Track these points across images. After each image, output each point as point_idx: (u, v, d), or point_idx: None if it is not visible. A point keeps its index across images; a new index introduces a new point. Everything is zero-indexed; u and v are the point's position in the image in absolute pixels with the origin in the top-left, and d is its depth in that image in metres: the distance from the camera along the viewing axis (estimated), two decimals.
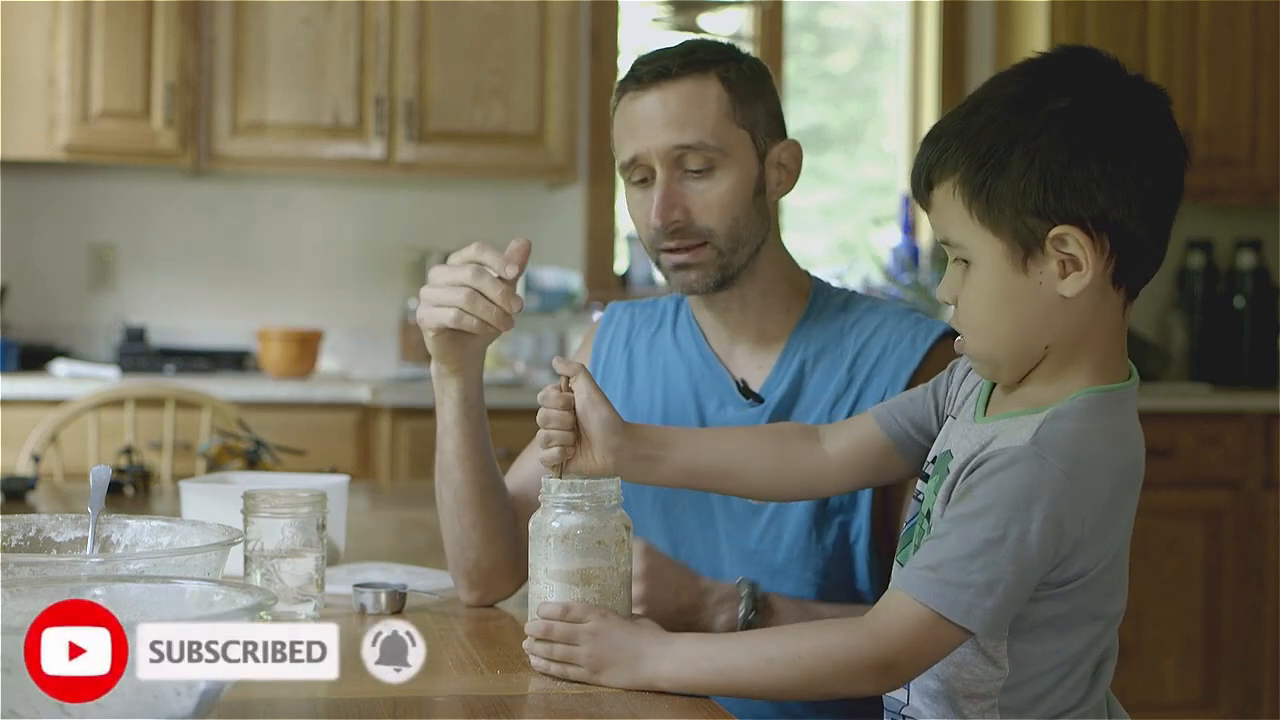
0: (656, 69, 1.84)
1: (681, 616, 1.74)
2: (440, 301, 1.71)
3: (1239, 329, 4.95)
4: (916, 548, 1.48)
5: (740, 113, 1.85)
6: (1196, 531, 4.51)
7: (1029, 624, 1.44)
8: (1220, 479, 4.52)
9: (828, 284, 1.97)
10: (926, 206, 1.49)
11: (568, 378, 1.61)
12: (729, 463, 1.67)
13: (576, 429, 1.61)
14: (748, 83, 1.87)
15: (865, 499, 1.86)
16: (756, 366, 1.93)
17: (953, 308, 1.50)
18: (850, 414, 1.85)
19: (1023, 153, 1.41)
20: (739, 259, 1.87)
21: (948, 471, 1.48)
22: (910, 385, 1.83)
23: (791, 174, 1.92)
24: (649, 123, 1.83)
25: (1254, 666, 4.53)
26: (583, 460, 1.61)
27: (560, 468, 1.60)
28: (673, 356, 1.98)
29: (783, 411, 1.89)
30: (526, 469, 1.94)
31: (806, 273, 1.97)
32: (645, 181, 1.86)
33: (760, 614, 1.77)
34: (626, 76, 1.88)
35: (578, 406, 1.60)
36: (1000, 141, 1.42)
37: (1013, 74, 1.48)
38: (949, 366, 1.63)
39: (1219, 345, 4.96)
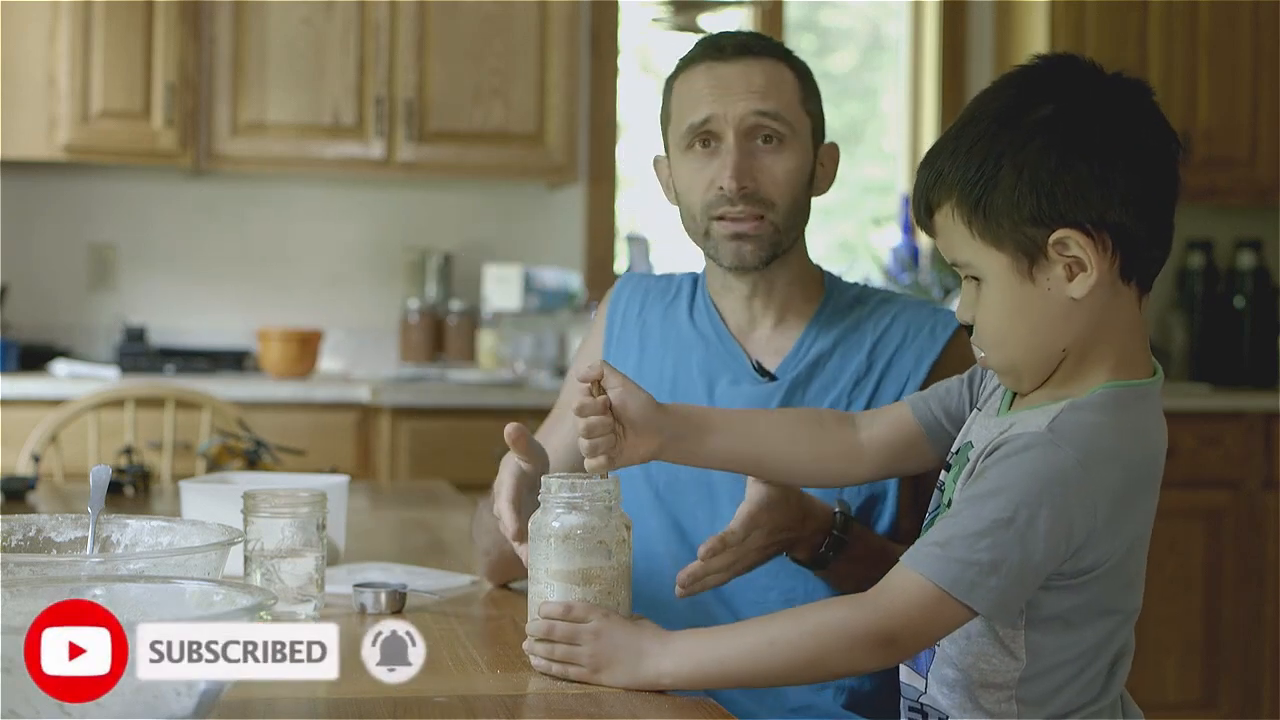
0: (739, 42, 1.93)
1: (775, 545, 1.76)
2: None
3: (1239, 329, 4.95)
4: None
5: (807, 102, 1.94)
6: (1196, 531, 4.51)
7: (1044, 615, 1.45)
8: (1220, 479, 4.52)
9: (839, 278, 2.03)
10: (931, 232, 1.51)
11: (596, 381, 1.60)
12: (769, 444, 1.67)
13: (614, 428, 1.60)
14: (809, 79, 1.97)
15: (893, 484, 1.90)
16: (773, 351, 1.98)
17: (974, 326, 1.51)
18: (870, 399, 1.90)
19: (1011, 165, 1.43)
20: (788, 240, 1.93)
21: (967, 460, 1.50)
22: (931, 374, 1.89)
23: (829, 175, 2.00)
24: (731, 89, 1.90)
25: (1254, 666, 4.53)
26: (629, 449, 1.59)
27: (606, 470, 1.57)
28: (687, 331, 2.02)
29: (796, 390, 1.93)
30: (554, 444, 1.95)
31: (818, 267, 2.03)
32: (708, 147, 1.91)
33: (846, 539, 1.79)
34: (704, 47, 1.95)
35: (614, 400, 1.58)
36: (989, 157, 1.44)
37: (996, 89, 1.51)
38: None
39: (1219, 345, 4.96)
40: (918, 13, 5.19)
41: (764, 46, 1.94)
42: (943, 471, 1.58)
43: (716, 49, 1.93)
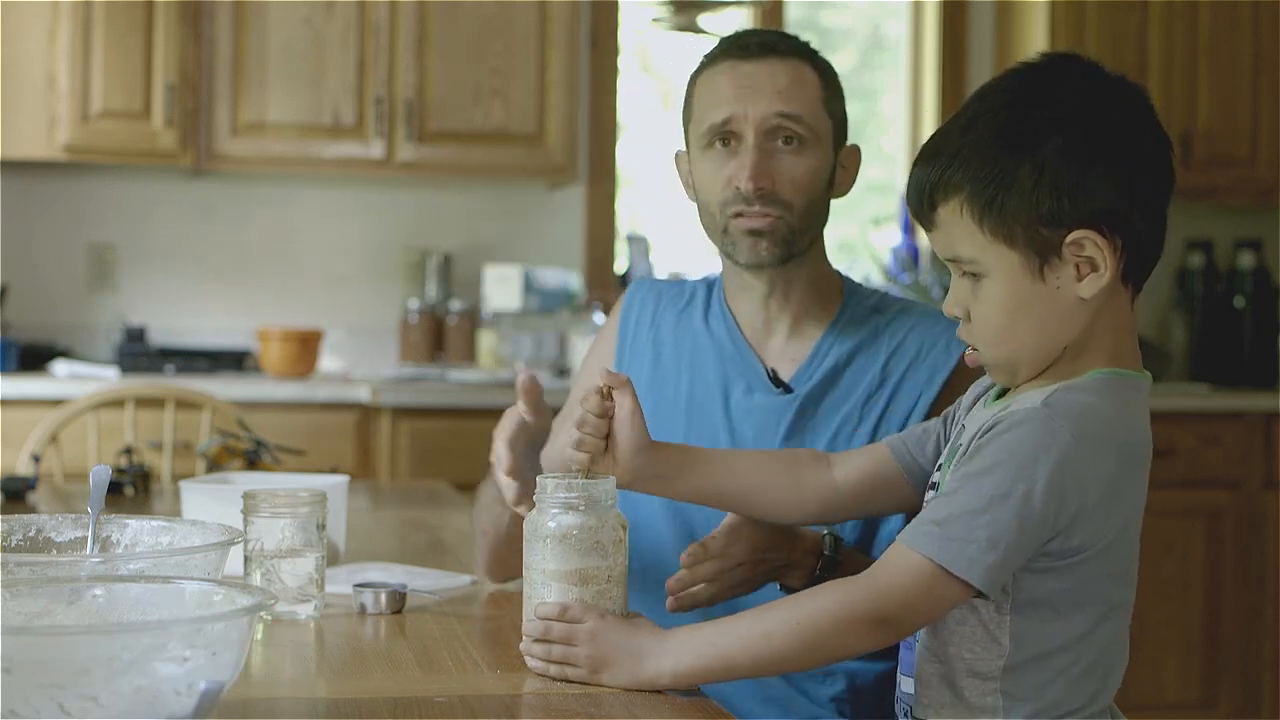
0: (763, 41, 1.93)
1: (764, 564, 1.75)
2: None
3: (1239, 329, 4.95)
4: None
5: (830, 103, 1.93)
6: (1196, 531, 4.51)
7: (1029, 599, 1.45)
8: (1220, 479, 4.52)
9: (859, 284, 2.02)
10: (929, 225, 1.50)
11: (611, 387, 1.62)
12: (744, 488, 1.69)
13: (608, 436, 1.62)
14: (833, 79, 1.96)
15: None
16: (789, 359, 1.96)
17: (961, 321, 1.51)
18: (882, 414, 1.90)
19: (1031, 165, 1.43)
20: (804, 242, 1.92)
21: (960, 447, 1.50)
22: (945, 388, 1.89)
23: (850, 177, 1.99)
24: (754, 89, 1.89)
25: (1254, 666, 4.53)
26: (604, 466, 1.62)
27: (585, 471, 1.60)
28: (702, 338, 2.00)
29: (811, 404, 1.92)
30: (561, 443, 1.92)
31: (838, 272, 2.02)
32: (728, 145, 1.90)
33: (839, 562, 1.78)
34: (728, 45, 1.94)
35: (616, 418, 1.61)
36: (1005, 155, 1.44)
37: (1001, 86, 1.51)
38: (956, 402, 1.65)
39: (1219, 345, 4.96)
40: (918, 13, 5.19)
41: (789, 46, 1.93)
42: (935, 473, 1.59)
43: (740, 47, 1.92)
